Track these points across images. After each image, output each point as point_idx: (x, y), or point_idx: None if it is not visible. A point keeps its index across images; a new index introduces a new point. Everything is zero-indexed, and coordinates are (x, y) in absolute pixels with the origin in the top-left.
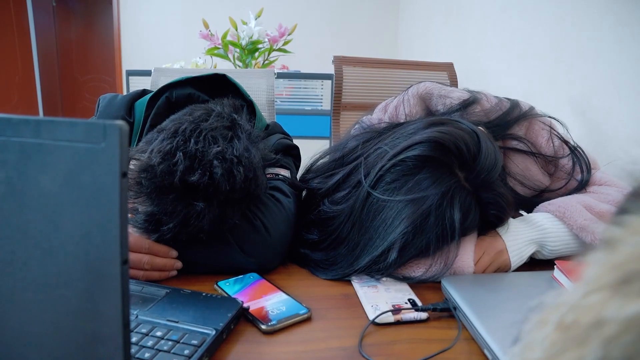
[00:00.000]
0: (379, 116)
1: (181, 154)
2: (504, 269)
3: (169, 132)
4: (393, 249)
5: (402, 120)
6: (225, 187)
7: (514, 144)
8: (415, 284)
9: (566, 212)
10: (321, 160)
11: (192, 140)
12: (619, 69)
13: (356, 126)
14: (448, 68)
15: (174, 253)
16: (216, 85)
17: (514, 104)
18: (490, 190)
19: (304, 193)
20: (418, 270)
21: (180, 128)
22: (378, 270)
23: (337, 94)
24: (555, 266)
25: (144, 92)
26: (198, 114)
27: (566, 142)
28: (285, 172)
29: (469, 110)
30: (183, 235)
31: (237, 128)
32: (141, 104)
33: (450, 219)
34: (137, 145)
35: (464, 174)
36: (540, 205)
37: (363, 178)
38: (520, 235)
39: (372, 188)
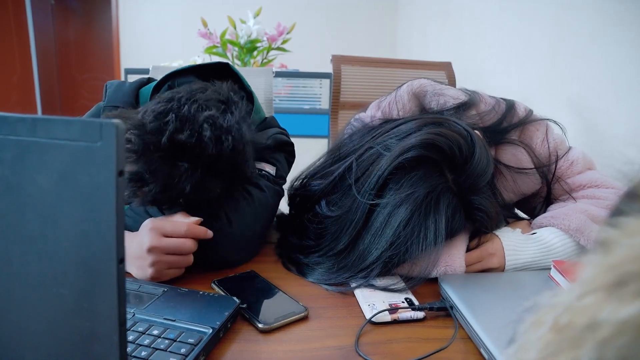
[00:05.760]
0: (372, 113)
1: (173, 115)
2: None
3: (165, 98)
4: (384, 252)
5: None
6: (211, 150)
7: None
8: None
9: (584, 232)
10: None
11: (186, 106)
12: (617, 69)
13: (352, 121)
14: (446, 67)
15: (210, 234)
16: (218, 75)
17: (510, 107)
18: (476, 195)
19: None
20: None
21: (177, 96)
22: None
23: (335, 93)
24: (552, 266)
25: (149, 80)
26: (196, 87)
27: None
28: (270, 169)
29: (465, 112)
30: (164, 201)
31: (231, 105)
32: (146, 91)
33: (435, 217)
34: None
35: (453, 176)
36: (543, 217)
37: (353, 182)
38: (523, 255)
39: (374, 196)
